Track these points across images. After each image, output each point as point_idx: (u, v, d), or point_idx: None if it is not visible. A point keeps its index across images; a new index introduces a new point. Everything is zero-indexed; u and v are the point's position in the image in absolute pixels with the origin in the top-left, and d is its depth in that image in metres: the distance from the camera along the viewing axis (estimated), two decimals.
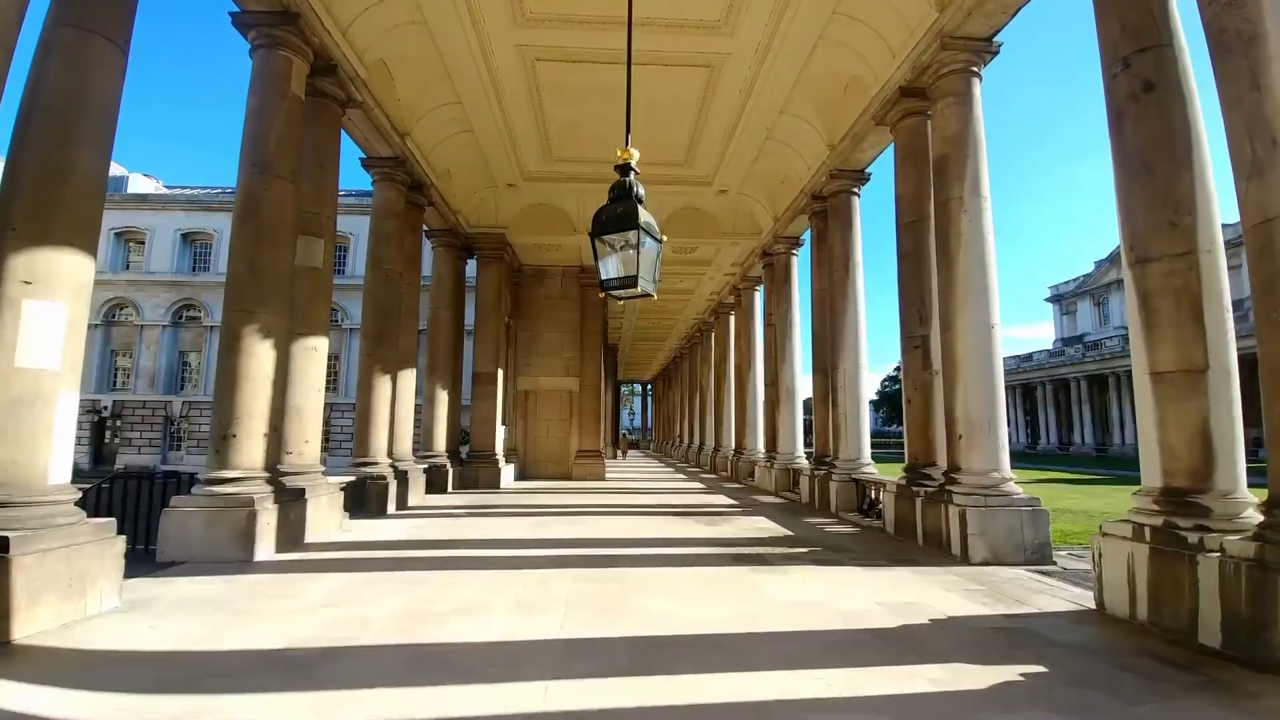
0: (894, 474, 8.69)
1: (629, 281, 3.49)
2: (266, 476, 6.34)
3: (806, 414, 14.19)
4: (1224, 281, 4.27)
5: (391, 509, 9.39)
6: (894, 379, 76.92)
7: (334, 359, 31.96)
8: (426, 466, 11.91)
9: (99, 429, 34.33)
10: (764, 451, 15.53)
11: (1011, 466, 6.69)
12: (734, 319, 19.00)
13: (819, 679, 3.19)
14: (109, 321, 34.34)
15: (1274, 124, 3.53)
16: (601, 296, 3.72)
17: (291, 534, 6.45)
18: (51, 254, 4.10)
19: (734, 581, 5.36)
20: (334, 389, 31.37)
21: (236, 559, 5.70)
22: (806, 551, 6.77)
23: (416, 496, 10.74)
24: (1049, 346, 57.43)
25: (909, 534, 7.38)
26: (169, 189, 37.81)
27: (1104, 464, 35.67)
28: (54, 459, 4.07)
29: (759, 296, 16.96)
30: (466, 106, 10.50)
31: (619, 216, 3.48)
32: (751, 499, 12.23)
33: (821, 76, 9.40)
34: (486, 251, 14.76)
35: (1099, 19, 4.82)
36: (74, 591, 3.94)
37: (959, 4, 6.72)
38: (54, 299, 4.09)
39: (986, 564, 5.99)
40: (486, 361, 14.62)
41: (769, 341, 14.77)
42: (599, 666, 3.38)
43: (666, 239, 3.73)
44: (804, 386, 13.72)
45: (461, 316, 13.98)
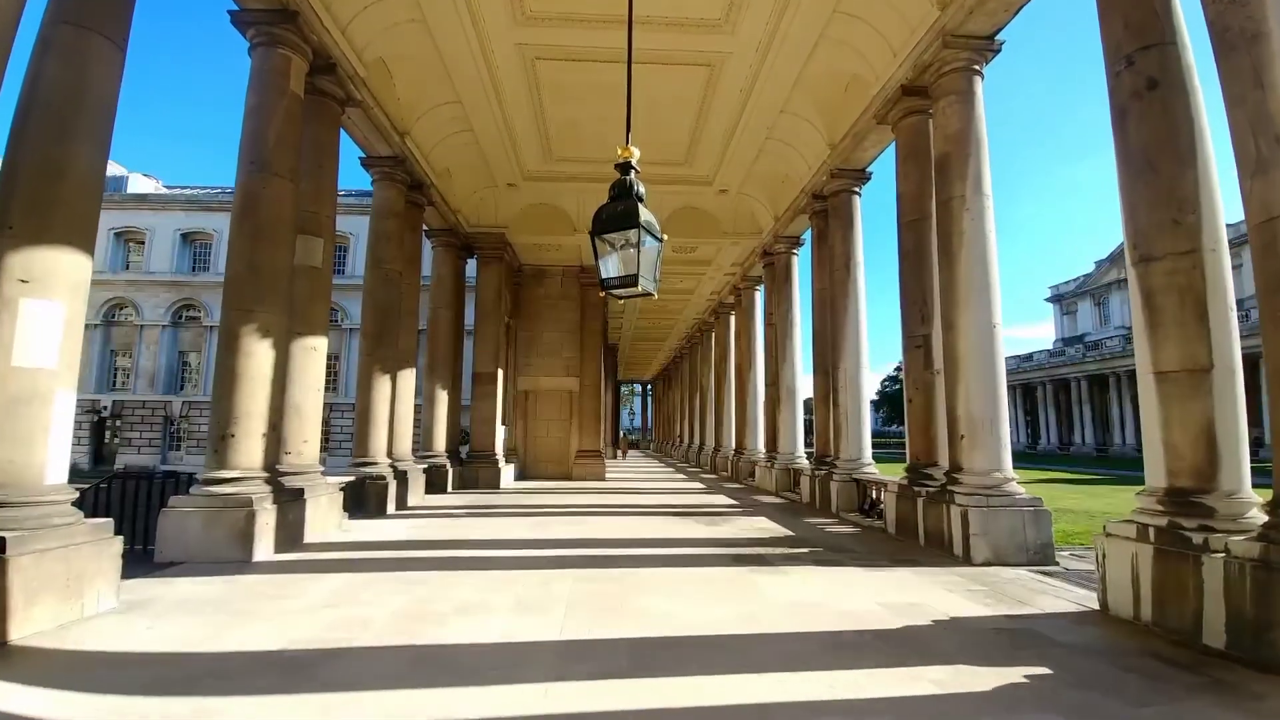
0: (895, 474, 8.67)
1: (629, 280, 3.48)
2: (265, 476, 6.32)
3: (807, 414, 14.18)
4: (1228, 280, 4.25)
5: (391, 509, 9.37)
6: (894, 379, 76.91)
7: (333, 359, 31.94)
8: (426, 466, 11.89)
9: (99, 429, 34.32)
10: (764, 451, 15.50)
11: (1012, 466, 6.67)
12: (734, 319, 18.98)
13: (821, 680, 3.17)
14: (109, 321, 34.33)
15: (1278, 121, 3.51)
16: (602, 296, 3.70)
17: (290, 534, 6.43)
18: (49, 252, 4.08)
19: (735, 582, 5.34)
20: (333, 389, 31.37)
21: (235, 559, 5.68)
22: (807, 552, 6.75)
23: (416, 496, 10.72)
24: (1049, 346, 57.45)
25: (910, 534, 7.36)
26: (169, 189, 37.80)
27: (1104, 464, 35.66)
28: (51, 459, 4.05)
29: (759, 296, 16.94)
30: (466, 105, 10.48)
31: (619, 215, 3.46)
32: (752, 499, 12.21)
33: (822, 75, 9.38)
34: (486, 251, 14.74)
35: (1102, 16, 4.80)
36: (71, 592, 3.92)
37: (960, 2, 6.70)
38: (51, 298, 4.07)
39: (989, 564, 5.97)
40: (486, 361, 14.60)
41: (769, 341, 14.74)
42: (599, 667, 3.36)
43: (667, 238, 3.71)
44: (804, 386, 13.71)
45: (461, 316, 13.96)
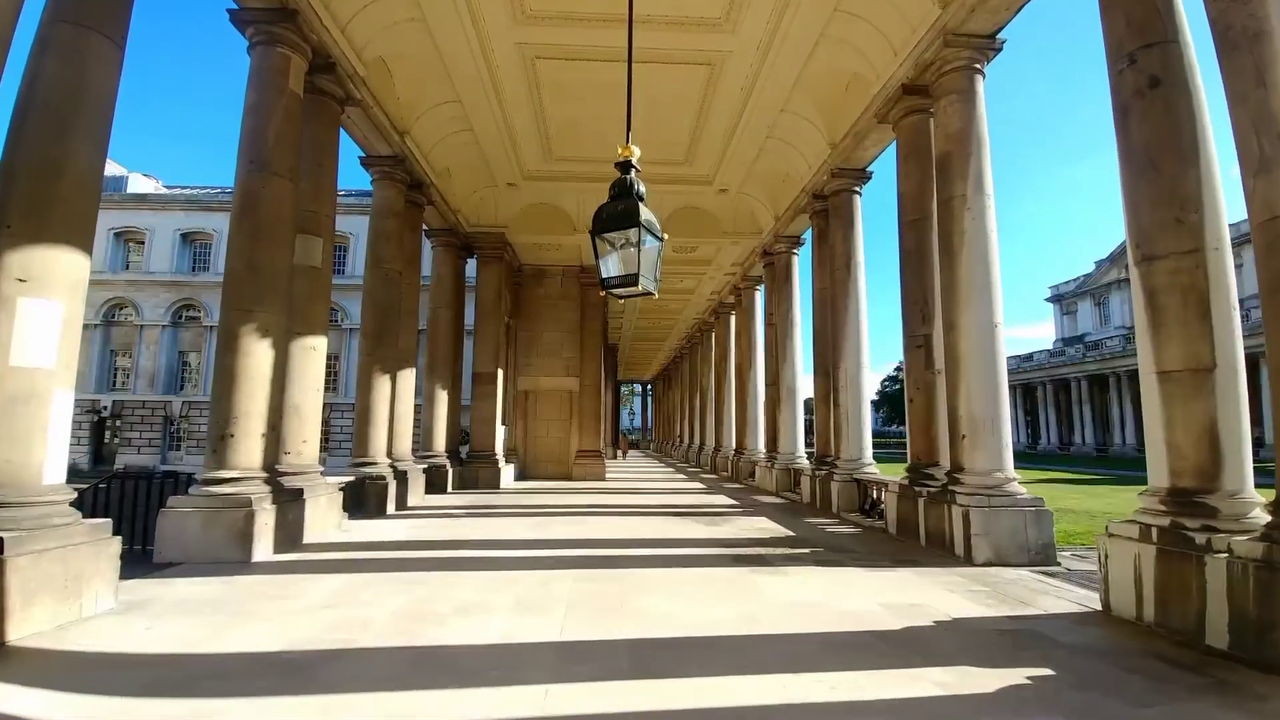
0: (896, 474, 8.65)
1: (630, 280, 3.46)
2: (265, 477, 6.30)
3: (807, 414, 14.15)
4: (1231, 279, 4.23)
5: (391, 509, 9.35)
6: (894, 379, 76.90)
7: (333, 359, 31.92)
8: (426, 466, 11.87)
9: (99, 429, 34.30)
10: (765, 451, 15.48)
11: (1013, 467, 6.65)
12: (734, 319, 18.96)
13: (822, 682, 3.15)
14: (109, 321, 34.30)
15: None
16: (602, 295, 3.69)
17: (290, 534, 6.41)
18: (47, 251, 4.06)
19: (735, 582, 5.33)
20: (333, 389, 31.36)
21: (234, 560, 5.66)
22: (808, 552, 6.73)
23: (416, 497, 10.70)
24: (1049, 346, 57.45)
25: (911, 534, 7.34)
26: (168, 189, 37.78)
27: (1105, 464, 35.66)
28: (49, 459, 4.03)
29: (759, 296, 16.93)
30: (466, 105, 10.46)
31: (620, 214, 3.45)
32: (752, 499, 12.19)
33: (823, 74, 9.37)
34: (486, 251, 14.72)
35: (1104, 14, 4.79)
36: (69, 593, 3.90)
37: (962, 1, 6.68)
38: (49, 297, 4.05)
39: (990, 565, 5.95)
40: (486, 361, 14.59)
41: (770, 341, 14.72)
42: (599, 669, 3.35)
43: (667, 237, 3.69)
44: (805, 386, 13.69)
45: (461, 316, 13.95)
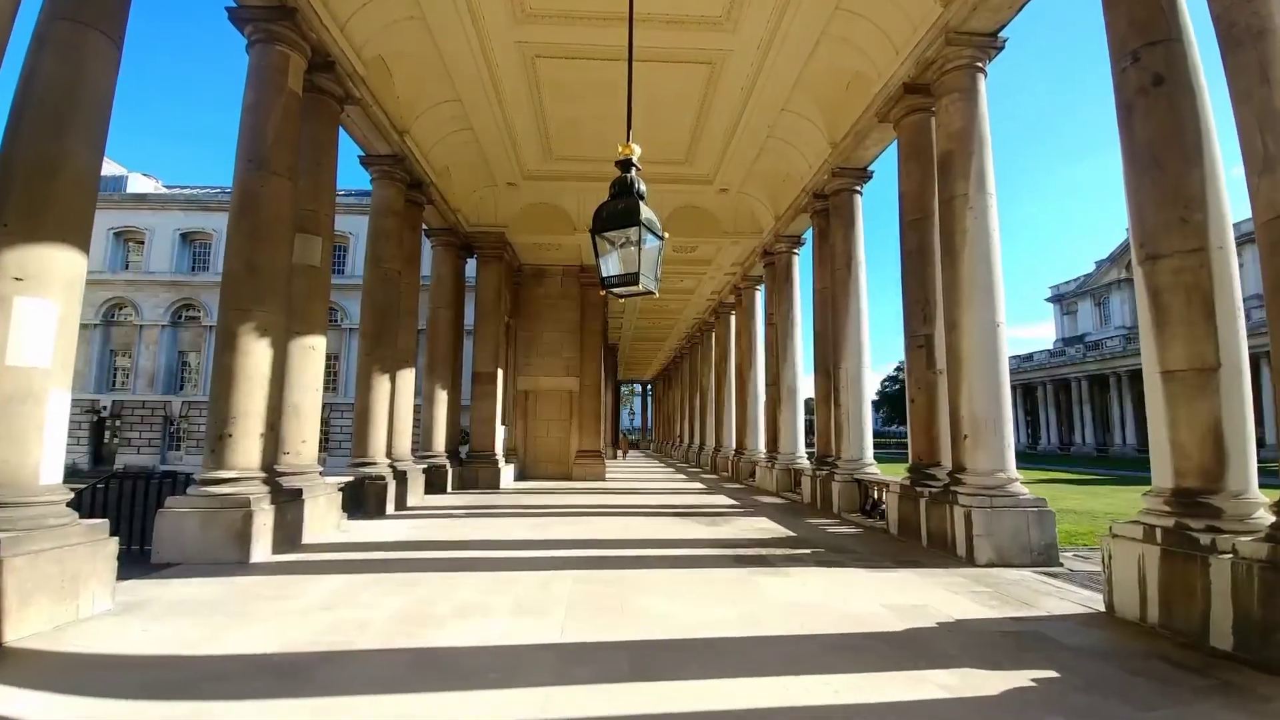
0: (897, 474, 8.63)
1: (630, 279, 3.44)
2: (263, 477, 6.28)
3: (808, 414, 14.12)
4: (1235, 279, 4.21)
5: (390, 509, 9.33)
6: (895, 379, 76.91)
7: (333, 359, 31.90)
8: (426, 467, 11.85)
9: (98, 429, 34.26)
10: (765, 452, 15.46)
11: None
12: (735, 318, 18.93)
13: (825, 684, 3.13)
14: (108, 321, 34.26)
15: None
16: (602, 295, 3.67)
17: (288, 535, 6.39)
18: (43, 250, 4.04)
19: (736, 583, 5.30)
20: (333, 389, 31.34)
21: (232, 560, 5.64)
22: (809, 553, 6.70)
23: (415, 497, 10.67)
24: (1050, 346, 57.42)
25: (913, 535, 7.31)
26: (168, 188, 37.75)
27: (1105, 464, 35.63)
28: (45, 459, 4.01)
29: (760, 296, 16.90)
30: (466, 104, 10.43)
31: (620, 213, 3.43)
32: (752, 499, 12.16)
33: (824, 73, 9.34)
34: (486, 250, 14.69)
35: (1107, 12, 4.77)
36: (66, 593, 3.88)
37: None
38: (45, 296, 4.03)
39: (992, 566, 5.93)
40: (486, 361, 14.56)
41: (770, 341, 14.70)
42: (599, 671, 3.32)
43: (668, 236, 3.67)
44: (805, 386, 13.66)
45: (461, 316, 13.92)
